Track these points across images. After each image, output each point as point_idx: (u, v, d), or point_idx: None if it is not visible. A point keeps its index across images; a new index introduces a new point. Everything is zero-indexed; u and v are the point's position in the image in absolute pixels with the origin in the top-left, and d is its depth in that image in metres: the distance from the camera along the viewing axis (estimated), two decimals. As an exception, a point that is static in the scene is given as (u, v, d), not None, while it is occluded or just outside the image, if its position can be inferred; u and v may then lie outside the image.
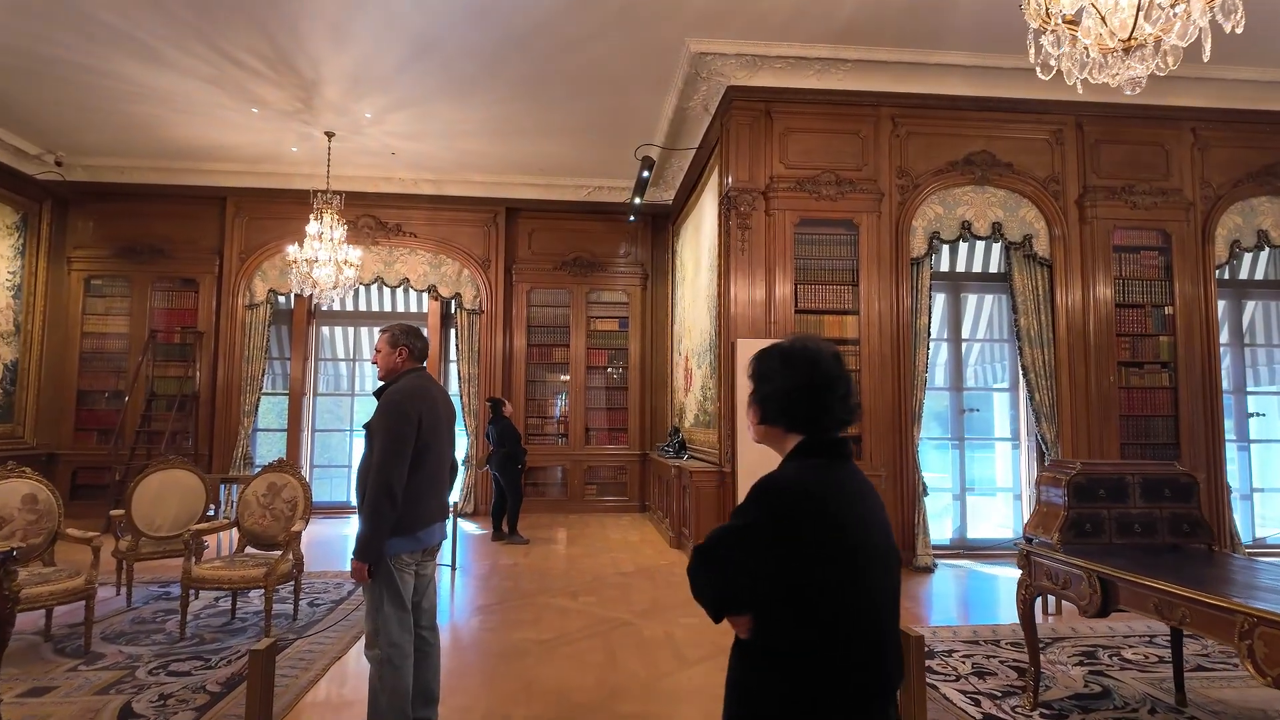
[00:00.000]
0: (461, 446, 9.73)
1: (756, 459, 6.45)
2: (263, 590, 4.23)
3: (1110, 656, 4.08)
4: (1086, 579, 2.90)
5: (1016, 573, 6.08)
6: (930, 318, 6.80)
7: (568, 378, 10.07)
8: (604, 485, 9.99)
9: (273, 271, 9.50)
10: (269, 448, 9.89)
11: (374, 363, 2.96)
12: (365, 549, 2.65)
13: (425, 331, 9.88)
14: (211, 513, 5.38)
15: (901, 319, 6.66)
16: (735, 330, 6.52)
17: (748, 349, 6.56)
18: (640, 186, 8.12)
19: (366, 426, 2.80)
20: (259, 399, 9.51)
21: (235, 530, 4.82)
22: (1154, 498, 3.14)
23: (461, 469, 9.59)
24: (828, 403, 1.39)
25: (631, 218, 9.30)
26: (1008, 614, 5.10)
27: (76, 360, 9.39)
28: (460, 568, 6.36)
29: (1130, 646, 4.26)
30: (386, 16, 5.75)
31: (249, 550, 4.76)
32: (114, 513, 5.06)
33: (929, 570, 6.21)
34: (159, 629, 4.43)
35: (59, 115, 7.70)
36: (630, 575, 6.07)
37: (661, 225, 10.29)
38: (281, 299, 9.80)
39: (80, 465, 9.24)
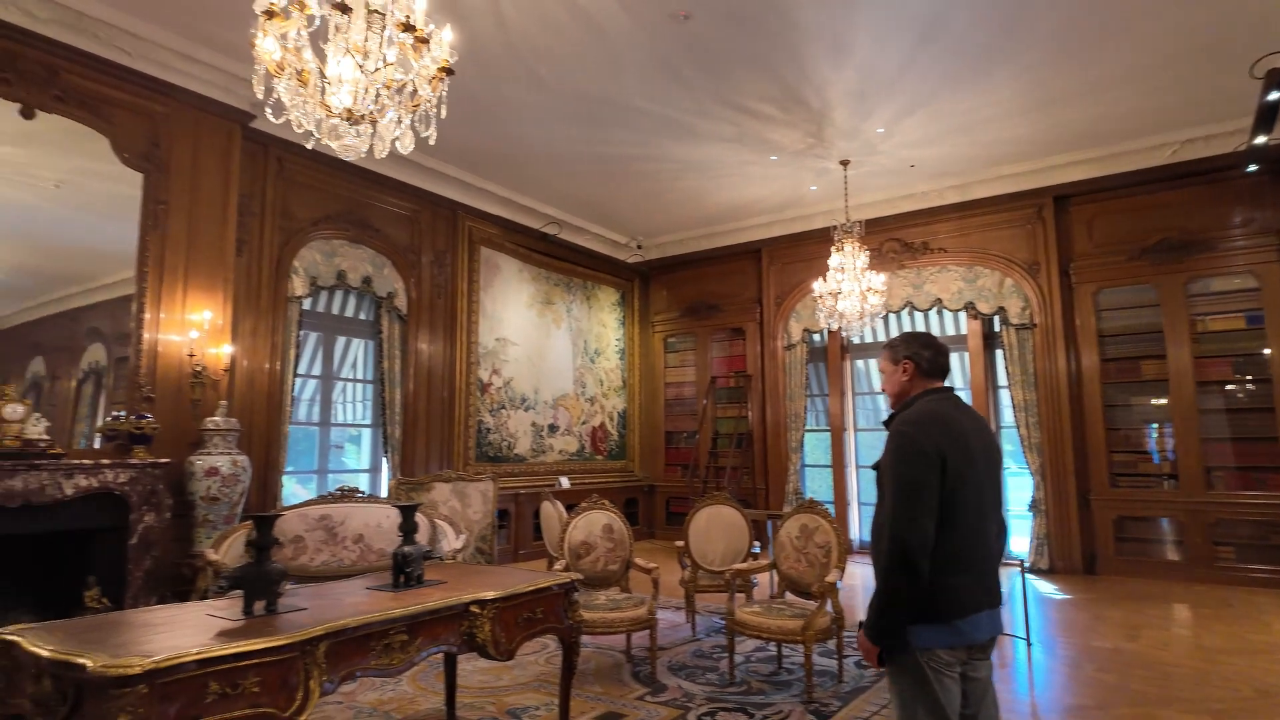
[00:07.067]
0: (1025, 488, 8.21)
1: None
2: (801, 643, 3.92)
3: None
4: None
5: None
6: None
7: (1164, 400, 7.64)
8: (1244, 548, 7.13)
9: (805, 311, 9.74)
10: (818, 483, 10.02)
11: (882, 390, 2.33)
12: (874, 627, 2.02)
13: (948, 346, 8.79)
14: (757, 549, 5.42)
15: None
16: None
17: None
18: (1265, 116, 5.67)
19: (875, 467, 2.17)
20: (803, 436, 9.77)
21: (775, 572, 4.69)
22: None
23: (1030, 518, 8.07)
24: None
25: (1251, 167, 6.62)
26: None
27: (663, 407, 11.18)
28: (1036, 643, 5.09)
29: None
30: (884, 5, 5.21)
31: (788, 597, 4.56)
32: (677, 543, 5.50)
33: None
34: (714, 666, 4.51)
35: (631, 205, 9.34)
36: (1325, 696, 3.92)
37: (1306, 169, 7.13)
38: (815, 337, 9.96)
39: (671, 495, 10.86)
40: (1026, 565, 8.02)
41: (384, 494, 7.13)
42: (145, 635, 2.40)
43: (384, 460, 7.65)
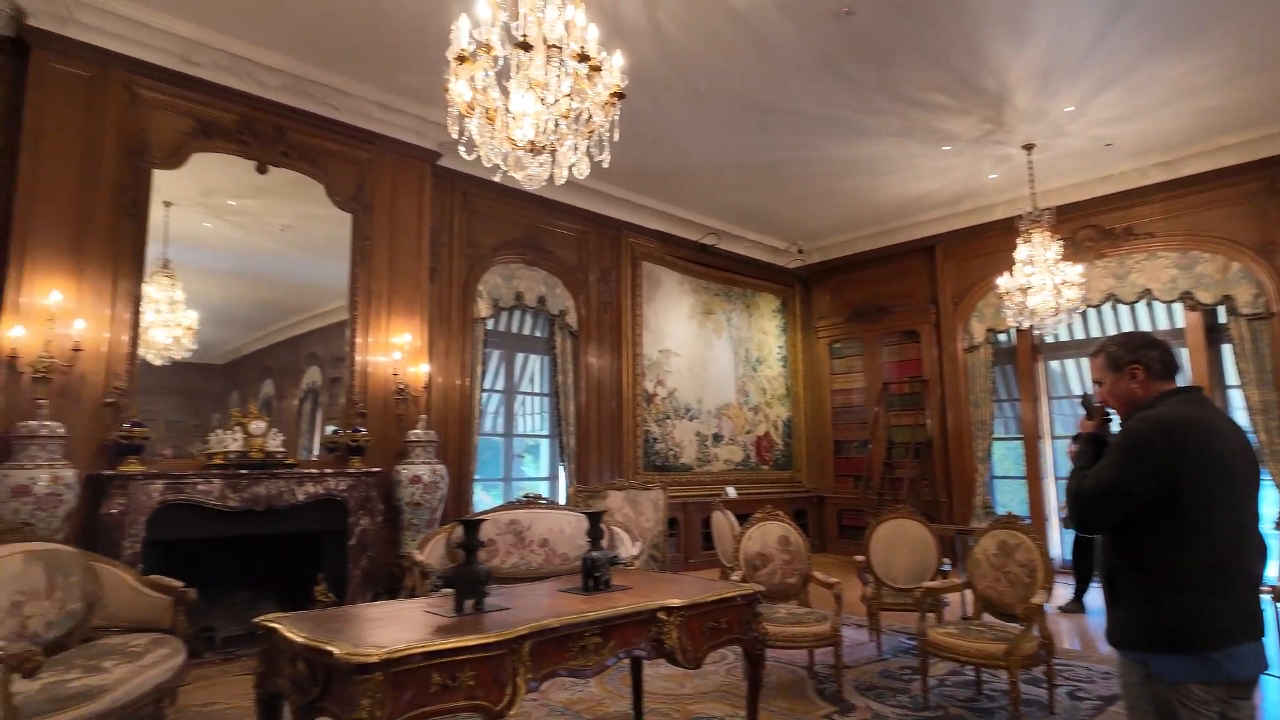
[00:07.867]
0: (1269, 502, 7.09)
1: None
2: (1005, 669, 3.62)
3: None
4: None
5: None
6: None
7: None
8: None
9: (988, 310, 9.06)
10: (1009, 496, 9.25)
11: (1098, 403, 2.10)
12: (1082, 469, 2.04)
13: (1181, 348, 7.76)
14: (947, 567, 5.09)
15: None
16: None
17: None
18: None
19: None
20: (990, 444, 9.06)
21: (970, 591, 4.38)
22: None
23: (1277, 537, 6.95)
24: None
25: None
26: None
27: (829, 415, 10.81)
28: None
29: None
30: (1073, -22, 4.78)
31: (985, 618, 4.23)
32: (857, 558, 5.29)
33: None
34: (904, 688, 4.28)
35: (791, 210, 9.18)
36: None
37: None
38: (1001, 337, 9.22)
39: (842, 507, 10.46)
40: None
41: (561, 501, 7.47)
42: (374, 628, 2.66)
43: (560, 468, 8.03)
